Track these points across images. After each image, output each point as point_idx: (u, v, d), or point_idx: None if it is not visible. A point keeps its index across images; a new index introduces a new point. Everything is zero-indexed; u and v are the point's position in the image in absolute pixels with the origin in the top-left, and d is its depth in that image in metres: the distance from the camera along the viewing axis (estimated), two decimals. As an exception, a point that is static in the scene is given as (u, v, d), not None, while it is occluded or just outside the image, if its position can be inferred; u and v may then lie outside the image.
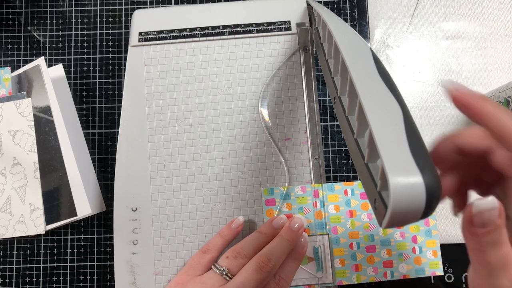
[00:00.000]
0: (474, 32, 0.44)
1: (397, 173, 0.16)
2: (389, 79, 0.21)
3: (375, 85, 0.21)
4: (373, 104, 0.19)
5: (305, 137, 0.38)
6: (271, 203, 0.38)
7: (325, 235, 0.37)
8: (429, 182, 0.16)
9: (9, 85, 0.43)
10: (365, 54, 0.24)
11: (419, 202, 0.16)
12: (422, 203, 0.16)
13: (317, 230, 0.37)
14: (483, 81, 0.44)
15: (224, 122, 0.39)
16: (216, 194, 0.38)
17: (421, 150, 0.18)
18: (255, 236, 0.35)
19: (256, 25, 0.40)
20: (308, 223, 0.37)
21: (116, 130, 0.43)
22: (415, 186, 0.16)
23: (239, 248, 0.34)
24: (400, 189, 0.16)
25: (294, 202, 0.38)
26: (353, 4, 0.45)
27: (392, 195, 0.16)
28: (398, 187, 0.16)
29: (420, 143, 0.18)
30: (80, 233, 0.42)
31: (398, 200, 0.16)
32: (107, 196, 0.42)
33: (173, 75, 0.39)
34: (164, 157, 0.38)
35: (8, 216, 0.41)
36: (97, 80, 0.44)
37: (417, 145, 0.18)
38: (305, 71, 0.39)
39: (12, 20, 0.45)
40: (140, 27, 0.40)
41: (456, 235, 0.41)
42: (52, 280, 0.41)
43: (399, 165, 0.17)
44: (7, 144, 0.41)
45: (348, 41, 0.26)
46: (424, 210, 0.17)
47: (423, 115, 0.43)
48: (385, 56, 0.44)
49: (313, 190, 0.38)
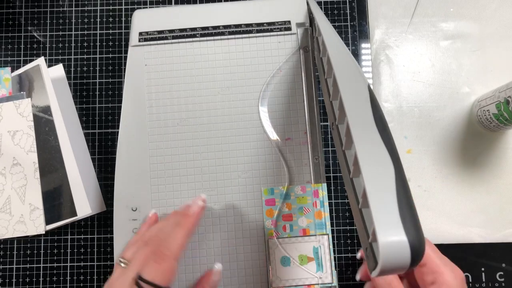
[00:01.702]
0: (474, 32, 0.45)
1: (386, 234, 0.19)
2: (385, 127, 0.23)
3: (371, 137, 0.22)
4: (367, 158, 0.21)
5: (305, 137, 0.38)
6: (271, 203, 0.38)
7: (325, 235, 0.37)
8: (413, 241, 0.18)
9: (9, 85, 0.43)
10: (363, 95, 0.24)
11: (405, 259, 0.19)
12: (407, 260, 0.19)
13: (317, 230, 0.37)
14: (483, 81, 0.44)
15: (224, 122, 0.39)
16: (216, 194, 0.38)
17: (409, 209, 0.19)
18: None
19: (256, 25, 0.40)
20: (307, 223, 0.37)
21: (116, 130, 0.43)
22: (402, 246, 0.18)
23: None
24: (388, 249, 0.19)
25: (294, 202, 0.37)
26: (353, 4, 0.45)
27: (381, 254, 0.19)
28: (387, 247, 0.19)
29: (408, 202, 0.20)
30: (80, 233, 0.42)
31: (387, 259, 0.19)
32: (107, 196, 0.42)
33: (173, 75, 0.39)
34: (164, 157, 0.38)
35: (8, 216, 0.41)
36: (97, 80, 0.44)
37: (405, 204, 0.19)
38: (305, 71, 0.39)
39: (12, 20, 0.45)
40: (140, 27, 0.40)
41: (456, 235, 0.41)
42: (52, 280, 0.41)
43: (388, 226, 0.19)
44: (7, 144, 0.41)
45: (348, 78, 0.26)
46: (410, 264, 0.19)
47: (423, 115, 0.43)
48: (385, 56, 0.44)
49: (313, 190, 0.38)
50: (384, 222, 0.19)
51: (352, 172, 0.24)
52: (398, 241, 0.19)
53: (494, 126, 0.40)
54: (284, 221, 0.37)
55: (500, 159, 0.43)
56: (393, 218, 0.19)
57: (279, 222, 0.37)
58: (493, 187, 0.42)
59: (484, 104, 0.41)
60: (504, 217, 0.42)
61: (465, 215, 0.42)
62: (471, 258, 0.41)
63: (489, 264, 0.41)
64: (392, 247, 0.19)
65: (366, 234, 0.21)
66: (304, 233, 0.37)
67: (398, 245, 0.19)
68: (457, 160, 0.43)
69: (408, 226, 0.19)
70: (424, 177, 0.43)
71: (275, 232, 0.37)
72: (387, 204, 0.19)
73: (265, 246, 0.37)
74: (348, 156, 0.25)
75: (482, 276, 0.40)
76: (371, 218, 0.19)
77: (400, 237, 0.19)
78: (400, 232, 0.19)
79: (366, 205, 0.21)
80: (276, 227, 0.37)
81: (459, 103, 0.44)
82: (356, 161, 0.22)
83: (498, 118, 0.39)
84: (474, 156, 0.43)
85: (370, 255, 0.20)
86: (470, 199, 0.42)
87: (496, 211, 0.42)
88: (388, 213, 0.19)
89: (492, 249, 0.41)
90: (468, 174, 0.43)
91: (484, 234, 0.42)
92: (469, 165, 0.43)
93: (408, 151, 0.43)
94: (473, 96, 0.44)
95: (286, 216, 0.37)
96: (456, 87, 0.44)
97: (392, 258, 0.19)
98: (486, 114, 0.40)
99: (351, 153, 0.24)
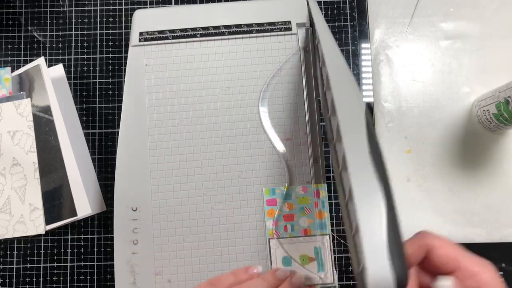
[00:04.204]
0: (474, 32, 0.45)
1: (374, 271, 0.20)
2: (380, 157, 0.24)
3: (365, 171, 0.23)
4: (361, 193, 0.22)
5: (305, 137, 0.38)
6: (272, 203, 0.38)
7: (325, 235, 0.37)
8: (398, 279, 0.20)
9: (9, 85, 0.43)
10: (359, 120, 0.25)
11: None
12: None
13: (318, 230, 0.37)
14: (483, 81, 0.44)
15: (224, 122, 0.39)
16: (216, 194, 0.38)
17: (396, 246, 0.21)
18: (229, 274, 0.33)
19: (257, 25, 0.40)
20: (308, 223, 0.37)
21: (116, 130, 0.43)
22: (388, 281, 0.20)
23: (215, 279, 0.32)
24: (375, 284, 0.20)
25: (296, 202, 0.37)
26: (353, 4, 0.45)
27: None
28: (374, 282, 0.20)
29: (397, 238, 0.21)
30: (80, 233, 0.42)
31: None
32: (107, 196, 0.42)
33: (174, 75, 0.39)
34: (164, 157, 0.38)
35: (8, 216, 0.41)
36: (97, 80, 0.44)
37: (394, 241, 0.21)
38: (306, 71, 0.39)
39: (12, 20, 0.45)
40: (141, 27, 0.40)
41: (456, 235, 0.42)
42: (52, 280, 0.41)
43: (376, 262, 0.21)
44: (7, 144, 0.41)
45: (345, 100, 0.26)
46: None
47: (423, 115, 0.43)
48: (385, 56, 0.44)
49: (314, 191, 0.38)
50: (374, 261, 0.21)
51: (347, 197, 0.25)
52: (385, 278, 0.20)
53: (494, 126, 0.40)
54: (285, 221, 0.37)
55: (500, 159, 0.43)
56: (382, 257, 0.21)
57: (280, 223, 0.37)
58: (493, 187, 0.42)
59: (484, 104, 0.41)
60: (504, 217, 0.42)
61: (465, 215, 0.42)
62: (471, 258, 0.41)
63: (489, 264, 0.41)
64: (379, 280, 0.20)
65: (357, 262, 0.23)
66: (305, 233, 0.37)
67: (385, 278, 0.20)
68: (457, 160, 0.43)
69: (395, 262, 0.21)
70: (424, 177, 0.43)
71: (276, 233, 0.37)
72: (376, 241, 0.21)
73: (266, 246, 0.37)
74: (345, 180, 0.26)
75: (482, 276, 0.40)
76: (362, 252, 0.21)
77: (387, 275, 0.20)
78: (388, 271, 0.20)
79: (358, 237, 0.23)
80: (277, 227, 0.37)
81: (459, 103, 0.44)
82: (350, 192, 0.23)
83: (498, 118, 0.39)
84: (474, 156, 0.43)
85: (360, 282, 0.22)
86: (470, 199, 0.42)
87: (496, 211, 0.42)
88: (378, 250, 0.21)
89: (492, 249, 0.41)
90: (468, 174, 0.43)
91: (484, 234, 0.42)
92: (469, 165, 0.43)
93: (408, 151, 0.43)
94: (473, 96, 0.44)
95: (287, 216, 0.37)
96: (456, 87, 0.44)
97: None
98: (486, 114, 0.40)
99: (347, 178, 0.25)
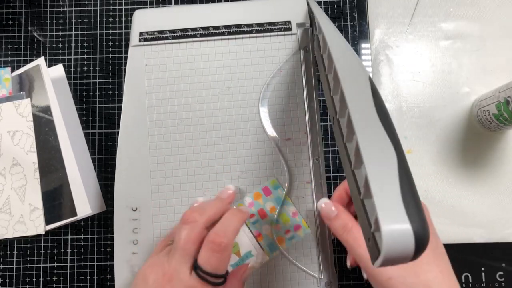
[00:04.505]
0: (474, 32, 0.45)
1: (389, 222, 0.18)
2: (387, 117, 0.22)
3: (372, 126, 0.22)
4: (369, 147, 0.20)
5: (305, 137, 0.38)
6: (267, 193, 0.37)
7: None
8: (417, 230, 0.18)
9: (9, 85, 0.43)
10: (364, 85, 0.24)
11: (409, 248, 0.18)
12: (411, 249, 0.18)
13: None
14: (483, 81, 0.44)
15: (224, 122, 0.39)
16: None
17: (412, 197, 0.19)
18: None
19: (257, 25, 0.40)
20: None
21: (116, 130, 0.43)
22: (405, 234, 0.18)
23: None
24: (392, 238, 0.18)
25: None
26: (353, 4, 0.45)
27: (384, 242, 0.18)
28: (390, 235, 0.18)
29: (411, 189, 0.19)
30: (80, 233, 0.42)
31: (390, 247, 0.18)
32: (107, 196, 0.42)
33: (174, 75, 0.39)
34: (164, 157, 0.38)
35: (8, 216, 0.41)
36: (97, 80, 0.44)
37: (408, 192, 0.19)
38: (306, 71, 0.39)
39: (12, 20, 0.45)
40: (141, 27, 0.40)
41: (456, 235, 0.42)
42: (52, 280, 0.41)
43: (391, 214, 0.18)
44: (7, 144, 0.41)
45: (348, 70, 0.26)
46: (414, 254, 0.18)
47: (423, 115, 0.43)
48: (385, 56, 0.44)
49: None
50: (387, 210, 0.18)
51: (354, 164, 0.23)
52: (401, 229, 0.18)
53: (494, 126, 0.40)
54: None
55: (500, 159, 0.43)
56: (397, 205, 0.18)
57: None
58: (493, 187, 0.42)
59: (484, 104, 0.41)
60: (504, 217, 0.42)
61: (465, 215, 0.42)
62: (471, 258, 0.41)
63: (489, 264, 0.41)
64: (396, 235, 0.18)
65: (369, 225, 0.21)
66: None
67: (402, 233, 0.18)
68: (457, 160, 0.43)
69: (412, 213, 0.18)
70: (424, 177, 0.43)
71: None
72: (390, 192, 0.19)
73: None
74: (350, 148, 0.25)
75: (482, 276, 0.40)
76: (373, 207, 0.19)
77: (404, 225, 0.18)
78: (404, 220, 0.18)
79: (368, 195, 0.20)
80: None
81: (459, 103, 0.44)
82: (357, 151, 0.21)
83: (498, 118, 0.39)
84: (474, 156, 0.43)
85: (373, 245, 0.20)
86: (470, 199, 0.42)
87: (496, 211, 0.42)
88: (391, 200, 0.19)
89: (492, 249, 0.41)
90: (468, 174, 0.43)
91: (484, 234, 0.42)
92: (469, 165, 0.43)
93: (408, 151, 0.43)
94: (473, 96, 0.44)
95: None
96: (456, 87, 0.44)
97: (396, 247, 0.18)
98: (486, 114, 0.40)
99: (353, 144, 0.23)
